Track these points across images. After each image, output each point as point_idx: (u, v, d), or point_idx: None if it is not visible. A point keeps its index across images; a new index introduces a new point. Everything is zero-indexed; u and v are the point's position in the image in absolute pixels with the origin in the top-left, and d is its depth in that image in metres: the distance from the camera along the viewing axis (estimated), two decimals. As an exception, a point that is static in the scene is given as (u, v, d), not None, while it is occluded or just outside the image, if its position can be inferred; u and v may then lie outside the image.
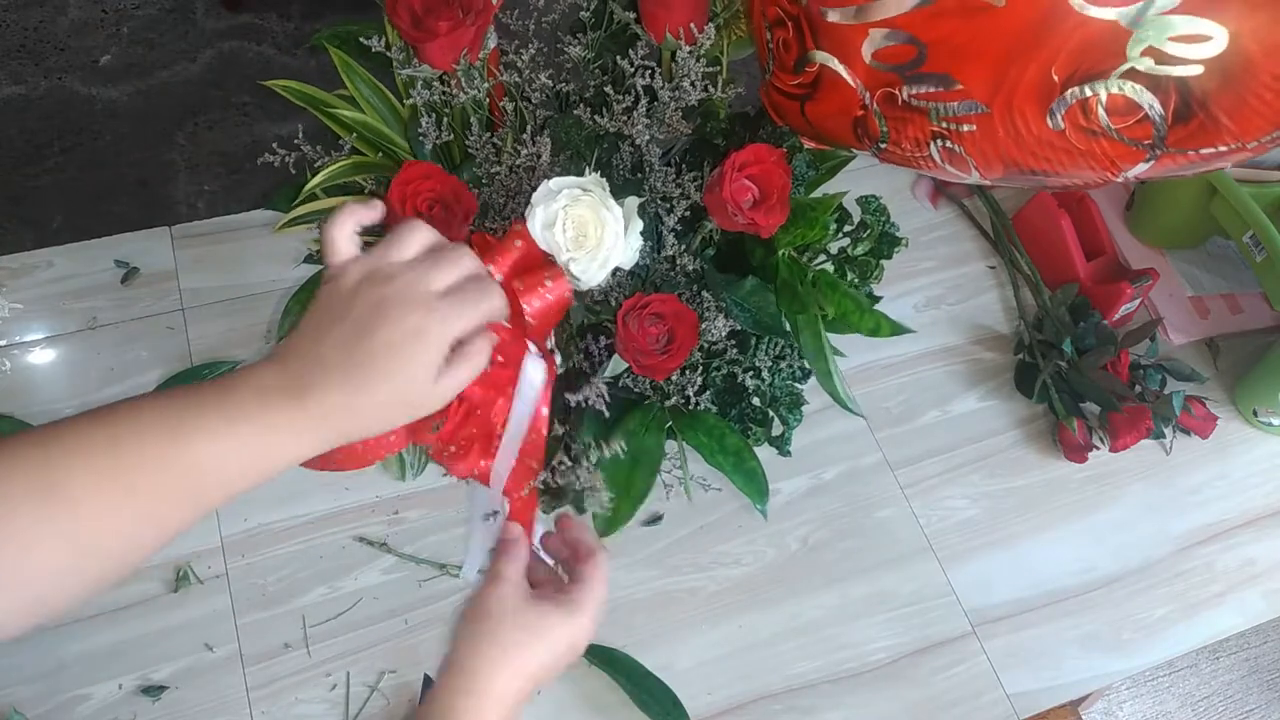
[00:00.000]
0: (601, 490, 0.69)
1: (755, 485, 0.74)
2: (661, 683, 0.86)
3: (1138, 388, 1.05)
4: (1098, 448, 1.03)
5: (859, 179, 0.81)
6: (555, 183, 0.63)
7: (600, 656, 0.86)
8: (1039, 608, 0.96)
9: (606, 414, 0.70)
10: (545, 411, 0.68)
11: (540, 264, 0.66)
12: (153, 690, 0.82)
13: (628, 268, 0.67)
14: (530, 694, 0.59)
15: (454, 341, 0.53)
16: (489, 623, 0.59)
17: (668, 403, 0.73)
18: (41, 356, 0.97)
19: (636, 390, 0.74)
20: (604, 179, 0.64)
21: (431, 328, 0.52)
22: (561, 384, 0.69)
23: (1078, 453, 1.02)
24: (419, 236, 0.55)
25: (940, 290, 1.15)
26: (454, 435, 0.65)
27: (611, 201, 0.63)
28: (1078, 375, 1.05)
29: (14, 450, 0.47)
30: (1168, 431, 1.06)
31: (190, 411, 0.50)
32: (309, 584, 0.88)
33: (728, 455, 0.75)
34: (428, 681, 0.84)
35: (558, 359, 0.69)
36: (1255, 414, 1.09)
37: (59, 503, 0.46)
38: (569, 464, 0.69)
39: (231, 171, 2.10)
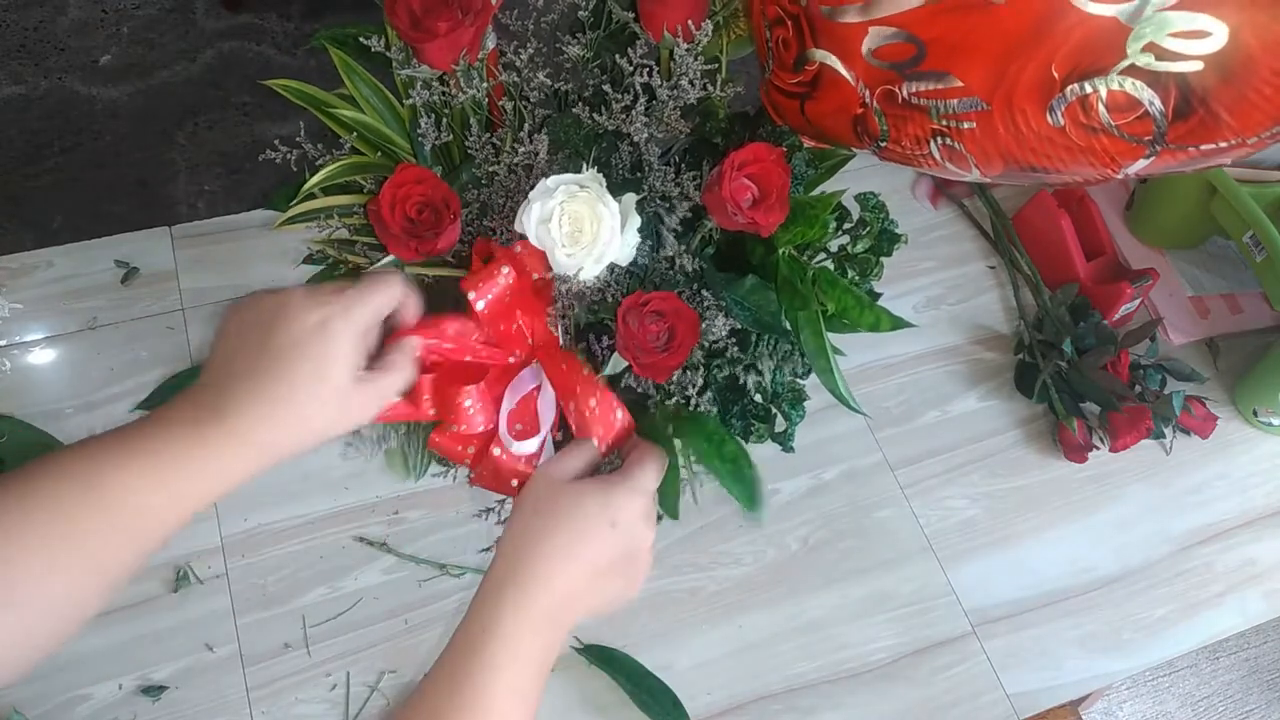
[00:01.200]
0: None
1: (751, 492, 0.74)
2: (661, 683, 0.86)
3: (1138, 388, 1.05)
4: (1098, 448, 1.03)
5: (858, 179, 0.81)
6: (553, 180, 0.63)
7: (600, 656, 0.86)
8: (1039, 608, 0.96)
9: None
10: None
11: (539, 286, 0.66)
12: (153, 690, 0.82)
13: (624, 265, 0.67)
14: (586, 588, 0.56)
15: (363, 335, 0.54)
16: (524, 515, 0.58)
17: (668, 402, 0.73)
18: (41, 356, 0.97)
19: (639, 390, 0.74)
20: (601, 175, 0.64)
21: (333, 318, 0.52)
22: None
23: (1078, 453, 1.02)
24: None
25: (940, 290, 1.15)
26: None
27: (609, 197, 0.63)
28: (1078, 375, 1.04)
29: None
30: (1168, 431, 1.06)
31: (110, 453, 0.49)
32: (309, 584, 0.88)
33: (725, 462, 0.74)
34: (427, 681, 0.84)
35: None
36: (1255, 414, 1.09)
37: None
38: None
39: (231, 171, 2.10)
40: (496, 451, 0.66)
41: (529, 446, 0.66)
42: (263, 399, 0.50)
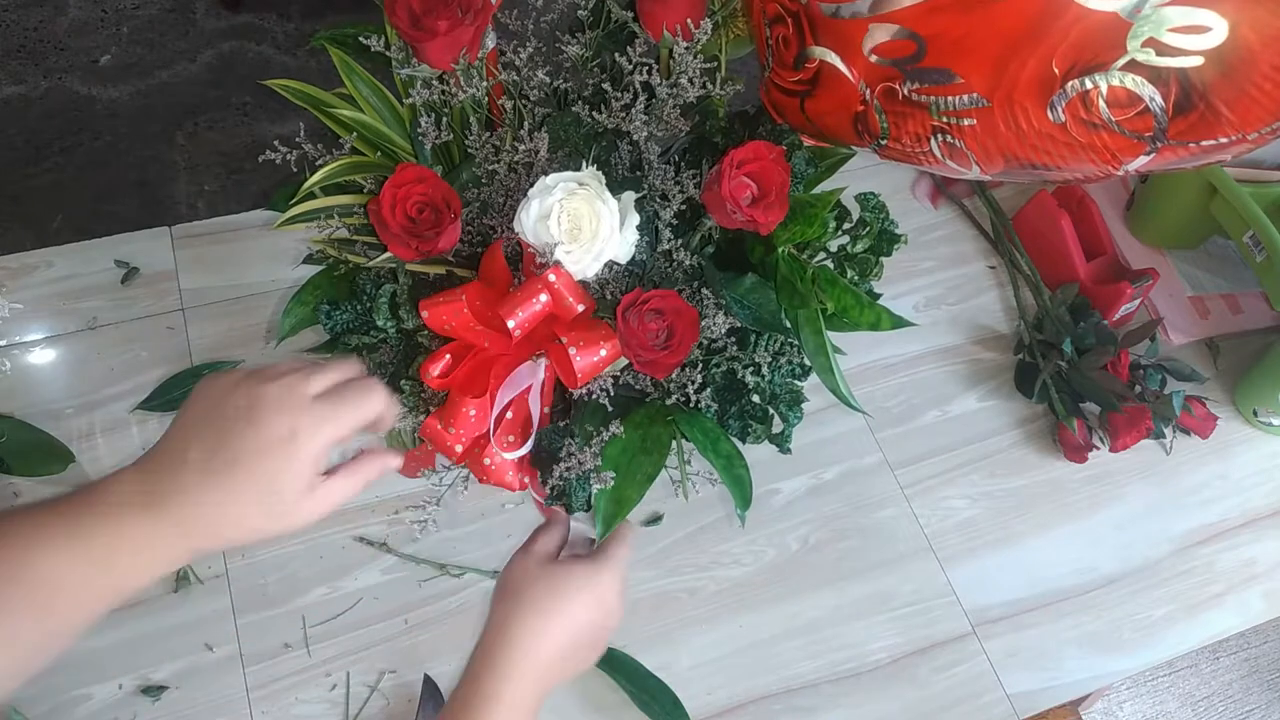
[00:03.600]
0: (605, 472, 0.69)
1: (740, 491, 0.74)
2: (661, 683, 0.86)
3: (1138, 388, 1.05)
4: (1098, 448, 1.03)
5: (858, 179, 0.81)
6: (552, 178, 0.63)
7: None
8: (1039, 608, 0.96)
9: (609, 407, 0.70)
10: (546, 410, 0.69)
11: (583, 317, 0.66)
12: (153, 690, 0.82)
13: (623, 261, 0.67)
14: (564, 660, 0.61)
15: (328, 448, 0.52)
16: (512, 597, 0.60)
17: (668, 400, 0.73)
18: (41, 356, 0.97)
19: (637, 388, 0.74)
20: (601, 173, 0.64)
21: (301, 434, 0.50)
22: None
23: (1078, 453, 1.02)
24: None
25: (940, 290, 1.15)
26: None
27: (608, 195, 0.63)
28: (1078, 375, 1.04)
29: None
30: (1168, 431, 1.06)
31: (41, 527, 0.47)
32: (309, 584, 0.88)
33: (719, 458, 0.75)
34: (428, 681, 0.84)
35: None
36: (1255, 414, 1.09)
37: None
38: (572, 449, 0.69)
39: (231, 171, 2.10)
40: (487, 461, 0.67)
41: (518, 455, 0.68)
42: (209, 498, 0.49)
